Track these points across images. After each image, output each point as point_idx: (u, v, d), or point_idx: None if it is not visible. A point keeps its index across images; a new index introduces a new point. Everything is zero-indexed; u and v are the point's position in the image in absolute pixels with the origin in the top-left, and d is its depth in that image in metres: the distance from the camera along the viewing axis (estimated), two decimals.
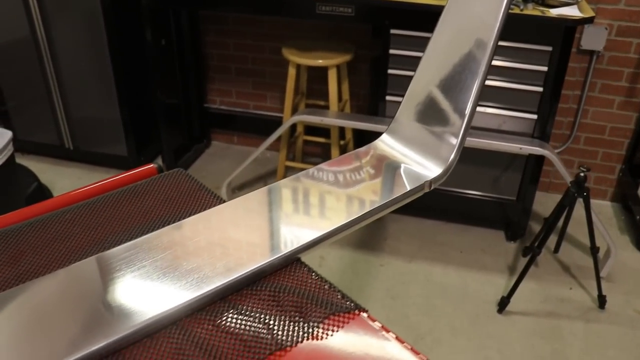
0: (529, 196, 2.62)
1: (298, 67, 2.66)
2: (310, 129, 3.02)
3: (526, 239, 2.74)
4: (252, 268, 0.64)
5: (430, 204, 2.74)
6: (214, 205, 0.78)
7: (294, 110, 2.77)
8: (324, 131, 2.88)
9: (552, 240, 2.57)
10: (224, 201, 0.80)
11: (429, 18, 1.03)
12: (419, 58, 0.90)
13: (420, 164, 0.85)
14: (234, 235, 0.71)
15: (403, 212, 2.86)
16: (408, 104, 0.91)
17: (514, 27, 2.18)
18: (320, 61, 2.56)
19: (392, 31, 2.36)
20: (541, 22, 2.20)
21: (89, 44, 2.77)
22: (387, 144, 0.91)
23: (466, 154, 0.88)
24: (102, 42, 2.72)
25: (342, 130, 2.85)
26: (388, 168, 0.86)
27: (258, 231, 0.72)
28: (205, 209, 0.77)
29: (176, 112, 3.10)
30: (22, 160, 2.94)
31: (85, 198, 0.82)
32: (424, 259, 2.63)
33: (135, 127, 2.96)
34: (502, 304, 2.34)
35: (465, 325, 2.31)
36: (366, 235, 2.77)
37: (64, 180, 3.02)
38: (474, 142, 2.33)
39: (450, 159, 0.83)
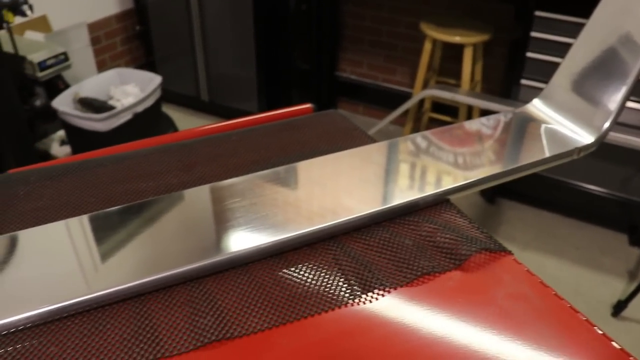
0: None
1: (434, 42, 2.65)
2: (437, 107, 3.01)
3: None
4: (407, 200, 0.69)
5: (550, 195, 2.67)
6: (366, 144, 0.82)
7: (424, 86, 2.77)
8: (451, 110, 2.87)
9: None
10: (375, 141, 0.84)
11: (579, 0, 1.01)
12: (562, 43, 0.90)
13: (572, 130, 0.85)
14: (389, 170, 0.75)
15: (521, 200, 2.80)
16: (565, 71, 0.91)
17: None
18: (458, 38, 2.54)
19: (537, 13, 2.30)
20: None
21: (235, 4, 2.90)
22: (538, 108, 0.91)
23: (598, 148, 0.87)
24: (248, 4, 2.84)
25: (469, 110, 2.83)
26: (538, 130, 0.87)
27: (412, 170, 0.76)
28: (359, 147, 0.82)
29: (307, 77, 3.19)
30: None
31: (248, 125, 0.89)
32: (537, 250, 2.57)
33: (268, 87, 3.08)
34: (618, 308, 2.25)
35: None
36: (481, 218, 2.74)
37: None
38: (614, 136, 2.24)
39: (605, 128, 0.83)
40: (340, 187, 0.71)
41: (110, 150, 0.86)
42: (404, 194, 0.70)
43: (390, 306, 0.57)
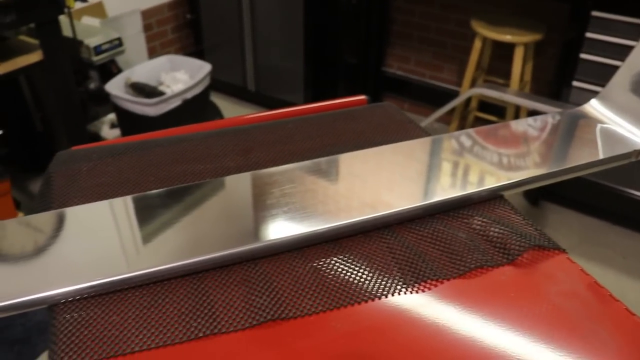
0: None
1: (484, 40, 2.62)
2: (484, 106, 2.98)
3: None
4: (461, 193, 0.69)
5: (597, 201, 2.61)
6: (421, 137, 0.83)
7: (472, 85, 2.74)
8: (498, 110, 2.83)
9: None
10: (429, 134, 0.84)
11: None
12: (618, 45, 0.88)
13: (630, 132, 0.84)
14: (443, 163, 0.75)
15: (565, 204, 2.75)
16: (626, 72, 0.89)
17: None
18: (509, 37, 2.51)
19: (593, 13, 2.25)
20: None
21: None
22: (596, 109, 0.90)
23: None
24: None
25: (516, 111, 2.79)
26: (594, 131, 0.85)
27: (466, 164, 0.76)
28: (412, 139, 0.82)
29: (354, 72, 3.19)
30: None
31: (302, 114, 0.90)
32: (581, 256, 2.52)
33: (315, 79, 3.09)
34: None
35: None
36: None
37: None
38: None
39: None
40: (396, 178, 0.71)
41: (167, 133, 0.88)
42: (458, 187, 0.70)
43: (443, 297, 0.58)
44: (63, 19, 2.15)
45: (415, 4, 3.15)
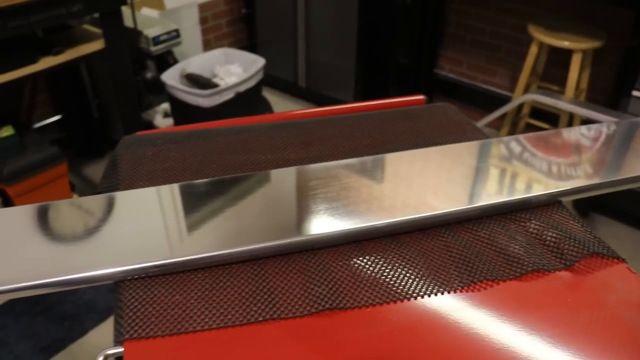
0: None
1: (540, 45, 2.58)
2: (536, 113, 2.93)
3: None
4: (520, 197, 0.68)
5: None
6: (479, 139, 0.82)
7: (526, 90, 2.70)
8: (550, 117, 2.78)
9: None
10: (487, 137, 0.84)
11: None
12: None
13: None
14: (503, 165, 0.75)
15: (617, 216, 2.68)
16: None
17: None
18: (567, 43, 2.46)
19: None
20: None
21: None
22: None
23: None
24: None
25: (570, 119, 2.73)
26: None
27: (525, 168, 0.75)
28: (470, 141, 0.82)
29: (406, 72, 3.18)
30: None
31: (361, 111, 0.91)
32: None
33: (366, 78, 3.09)
34: None
35: None
36: None
37: None
38: None
39: None
40: (455, 177, 0.72)
41: (223, 123, 0.90)
42: (517, 190, 0.70)
43: (499, 297, 0.58)
44: (125, 9, 2.20)
45: (471, 6, 3.12)
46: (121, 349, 0.52)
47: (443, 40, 3.30)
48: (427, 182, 0.71)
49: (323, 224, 0.63)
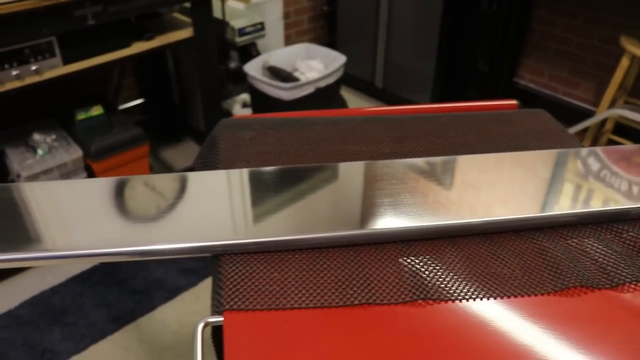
0: None
1: (632, 59, 2.49)
2: (620, 129, 2.83)
3: None
4: (618, 207, 0.67)
5: None
6: (575, 147, 0.81)
7: (611, 105, 2.62)
8: (635, 134, 2.69)
9: None
10: (583, 146, 0.83)
11: None
12: None
13: None
14: (600, 175, 0.74)
15: None
16: None
17: None
18: None
19: None
20: None
21: None
22: None
23: None
24: None
25: None
26: None
27: (623, 178, 0.74)
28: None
29: (485, 79, 3.14)
30: None
31: (453, 111, 0.91)
32: None
33: (444, 83, 3.07)
34: None
35: None
36: None
37: None
38: None
39: None
40: (552, 183, 0.71)
41: (316, 114, 0.92)
42: (615, 200, 0.69)
43: (592, 305, 0.57)
44: (214, 1, 2.27)
45: (558, 15, 3.05)
46: (221, 318, 0.54)
47: (525, 48, 3.24)
48: (523, 185, 0.71)
49: (418, 217, 0.64)
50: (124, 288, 2.14)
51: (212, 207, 0.67)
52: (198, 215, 0.66)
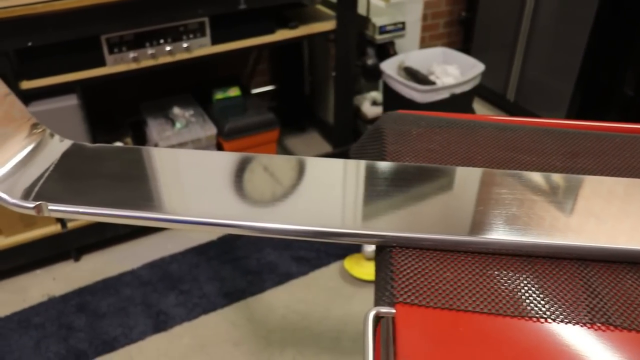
0: None
1: None
2: None
3: None
4: None
5: None
6: None
7: None
8: None
9: None
10: None
11: None
12: None
13: None
14: None
15: None
16: None
17: None
18: None
19: None
20: None
21: (574, 12, 2.79)
22: None
23: None
24: (588, 14, 2.70)
25: None
26: None
27: None
28: None
29: (630, 105, 2.96)
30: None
31: (628, 132, 0.86)
32: None
33: (582, 104, 2.93)
34: None
35: None
36: None
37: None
38: None
39: None
40: None
41: (481, 118, 0.90)
42: None
43: None
44: None
45: None
46: (393, 310, 0.54)
47: None
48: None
49: (597, 236, 0.61)
50: (237, 266, 2.21)
51: (383, 197, 0.67)
52: (364, 203, 0.66)
